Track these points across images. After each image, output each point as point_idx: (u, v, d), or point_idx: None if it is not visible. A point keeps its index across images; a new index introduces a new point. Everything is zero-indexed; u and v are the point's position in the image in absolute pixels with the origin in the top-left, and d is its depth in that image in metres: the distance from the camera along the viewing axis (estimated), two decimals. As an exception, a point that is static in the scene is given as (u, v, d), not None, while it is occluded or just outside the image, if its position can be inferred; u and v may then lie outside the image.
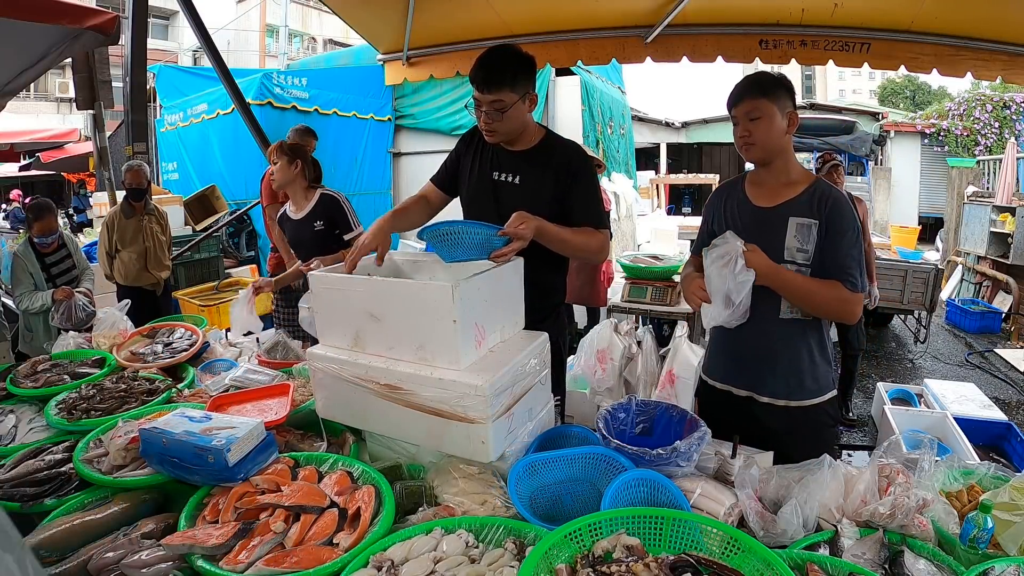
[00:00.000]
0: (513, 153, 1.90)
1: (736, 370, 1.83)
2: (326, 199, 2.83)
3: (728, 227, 1.74)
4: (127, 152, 4.94)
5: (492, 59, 1.75)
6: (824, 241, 1.64)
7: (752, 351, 1.77)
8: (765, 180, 1.76)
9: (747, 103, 1.66)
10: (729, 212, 1.80)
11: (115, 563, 1.22)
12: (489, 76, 1.73)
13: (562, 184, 1.85)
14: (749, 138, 1.67)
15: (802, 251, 1.66)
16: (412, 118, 8.02)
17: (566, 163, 1.86)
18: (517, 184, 1.88)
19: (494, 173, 1.91)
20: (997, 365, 5.49)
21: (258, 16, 20.90)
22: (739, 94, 1.68)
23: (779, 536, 1.27)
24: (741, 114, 1.67)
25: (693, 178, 13.60)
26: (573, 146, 1.95)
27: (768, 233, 1.68)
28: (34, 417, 1.97)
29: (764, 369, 1.77)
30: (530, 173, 1.87)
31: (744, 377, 1.82)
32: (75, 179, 12.76)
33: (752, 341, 1.75)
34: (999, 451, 2.97)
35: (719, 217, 1.84)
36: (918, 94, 30.35)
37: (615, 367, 2.47)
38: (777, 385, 1.77)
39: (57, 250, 3.49)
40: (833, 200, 1.65)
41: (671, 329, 2.88)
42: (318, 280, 1.64)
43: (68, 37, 2.65)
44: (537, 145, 1.90)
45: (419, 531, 1.25)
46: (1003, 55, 2.89)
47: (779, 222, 1.68)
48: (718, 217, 1.84)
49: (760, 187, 1.77)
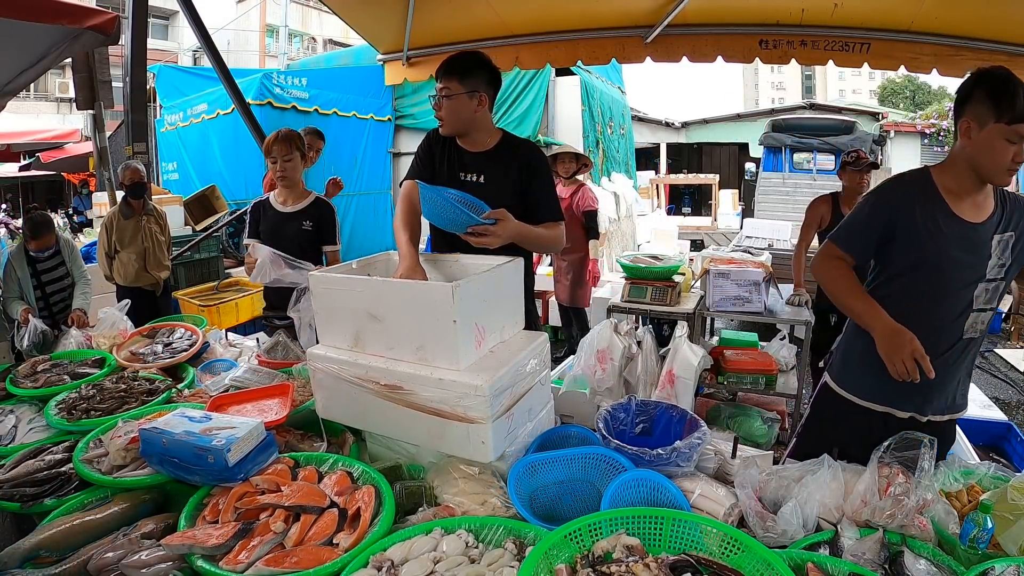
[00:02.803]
0: (475, 154, 2.02)
1: (906, 392, 1.62)
2: (322, 204, 2.80)
3: (932, 238, 1.56)
4: (127, 152, 4.93)
5: (455, 55, 1.95)
6: (1018, 251, 1.57)
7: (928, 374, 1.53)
8: (968, 194, 1.56)
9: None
10: (931, 220, 1.57)
11: (115, 563, 1.22)
12: (445, 66, 1.92)
13: (523, 181, 1.98)
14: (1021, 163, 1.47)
15: (1002, 266, 1.58)
16: (412, 118, 8.02)
17: (526, 161, 1.99)
18: (482, 183, 1.99)
19: (460, 174, 2.02)
20: (997, 365, 5.49)
21: (258, 16, 20.88)
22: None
23: (779, 536, 1.27)
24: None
25: (693, 178, 13.62)
26: (530, 144, 2.12)
27: (975, 251, 1.56)
28: (34, 417, 1.97)
29: (935, 388, 1.63)
30: (493, 172, 2.00)
31: (913, 400, 1.67)
32: (77, 180, 12.75)
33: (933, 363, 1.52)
34: (999, 451, 2.97)
35: (913, 220, 1.58)
36: (918, 94, 30.37)
37: (615, 367, 2.47)
38: (941, 403, 1.68)
39: (51, 257, 3.44)
40: (1020, 209, 1.58)
41: (671, 329, 2.88)
42: (318, 280, 1.64)
43: (68, 37, 2.64)
44: (496, 145, 2.02)
45: (419, 531, 1.25)
46: (1003, 55, 2.89)
47: (985, 239, 1.56)
48: (910, 220, 1.58)
49: (961, 200, 1.57)
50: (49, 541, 1.30)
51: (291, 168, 2.71)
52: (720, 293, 3.34)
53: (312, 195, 2.81)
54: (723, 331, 3.83)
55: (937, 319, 1.60)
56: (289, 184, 2.75)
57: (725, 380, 3.08)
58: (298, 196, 2.78)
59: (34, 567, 1.26)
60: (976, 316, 1.60)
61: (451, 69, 1.90)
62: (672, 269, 3.53)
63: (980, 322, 1.61)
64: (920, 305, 1.60)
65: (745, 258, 3.52)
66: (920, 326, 1.53)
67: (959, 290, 1.58)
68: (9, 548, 1.27)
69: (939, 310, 1.59)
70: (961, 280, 1.58)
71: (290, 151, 2.70)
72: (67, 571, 1.23)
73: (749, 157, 14.35)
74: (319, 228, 2.77)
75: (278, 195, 2.81)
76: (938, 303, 1.59)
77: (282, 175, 2.70)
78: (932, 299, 1.59)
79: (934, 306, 1.59)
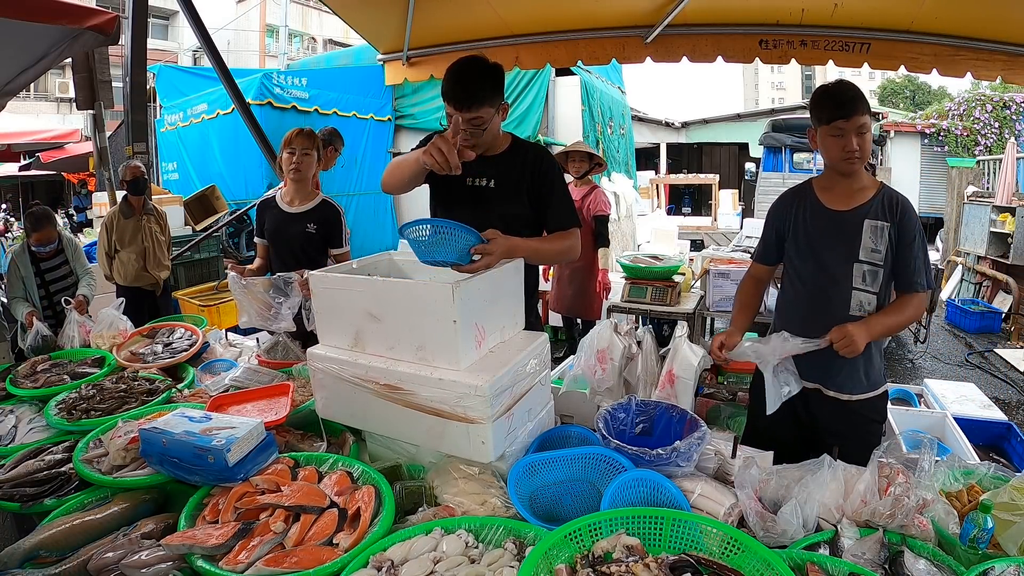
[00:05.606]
0: (486, 158, 1.92)
1: (807, 364, 1.84)
2: (329, 206, 2.77)
3: (803, 230, 1.87)
4: (127, 152, 4.93)
5: (467, 76, 1.74)
6: (897, 244, 1.76)
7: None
8: (837, 186, 1.84)
9: (859, 117, 1.69)
10: (802, 217, 1.89)
11: (115, 563, 1.22)
12: (467, 94, 1.73)
13: (535, 186, 1.92)
14: (858, 152, 1.71)
15: (876, 251, 1.77)
16: (412, 118, 8.02)
17: (537, 166, 1.92)
18: (493, 188, 1.92)
19: (468, 179, 1.94)
20: (997, 365, 5.49)
21: (258, 16, 20.88)
22: (850, 107, 1.69)
23: (779, 536, 1.27)
24: (852, 128, 1.69)
25: (693, 178, 13.62)
26: (541, 148, 2.04)
27: (844, 234, 1.80)
28: (34, 417, 1.97)
29: (832, 365, 1.83)
30: (504, 176, 1.92)
31: (814, 372, 1.87)
32: (76, 179, 12.75)
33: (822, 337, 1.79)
34: (999, 451, 2.97)
35: (791, 222, 1.92)
36: (918, 94, 30.35)
37: (615, 367, 2.46)
38: (842, 380, 1.86)
39: (54, 256, 3.44)
40: (903, 206, 1.78)
41: (671, 329, 2.87)
42: (318, 280, 1.64)
43: (68, 37, 2.64)
44: (508, 149, 1.95)
45: (419, 531, 1.25)
46: (1003, 55, 2.89)
47: (855, 224, 1.79)
48: (790, 222, 1.92)
49: (832, 192, 1.86)
50: (49, 541, 1.30)
51: (307, 164, 2.68)
52: (720, 293, 3.34)
53: (319, 197, 2.78)
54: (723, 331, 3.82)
55: (824, 297, 1.84)
56: (301, 179, 2.71)
57: (725, 380, 3.08)
58: (305, 196, 2.76)
59: (34, 567, 1.26)
60: (858, 295, 1.80)
61: (479, 97, 1.73)
62: (672, 269, 3.53)
63: (866, 303, 1.80)
64: (806, 286, 1.89)
65: (745, 258, 3.53)
66: (810, 304, 1.86)
67: (835, 270, 1.81)
68: (9, 548, 1.27)
69: (822, 288, 1.85)
70: (835, 259, 1.82)
71: (311, 146, 2.69)
72: (67, 571, 1.23)
73: (749, 157, 14.36)
74: (324, 231, 2.73)
75: (284, 194, 2.78)
76: (819, 282, 1.85)
77: (296, 168, 2.66)
78: (814, 279, 1.86)
79: (817, 286, 1.86)
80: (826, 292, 1.84)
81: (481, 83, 1.75)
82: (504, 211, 1.85)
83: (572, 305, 4.23)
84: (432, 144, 1.60)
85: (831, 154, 1.76)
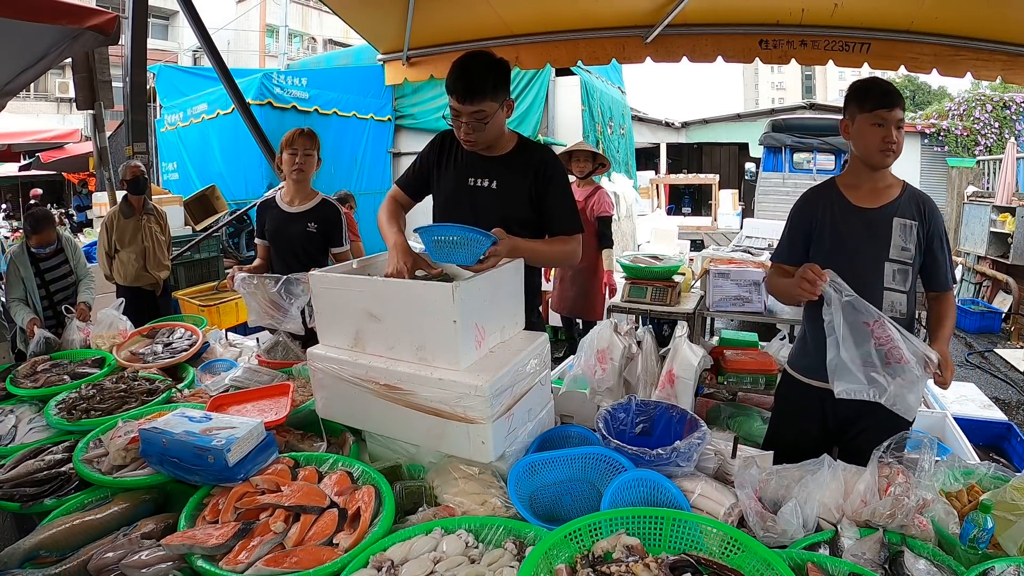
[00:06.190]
0: (489, 158, 1.90)
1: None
2: (329, 205, 2.78)
3: (831, 229, 1.82)
4: (127, 152, 4.94)
5: (471, 69, 1.73)
6: (927, 243, 1.76)
7: None
8: (864, 183, 1.81)
9: (900, 111, 1.68)
10: (830, 214, 1.84)
11: (115, 563, 1.22)
12: (470, 87, 1.71)
13: (539, 188, 1.88)
14: (895, 145, 1.70)
15: (906, 249, 1.75)
16: (412, 118, 8.02)
17: (542, 168, 1.88)
18: (495, 189, 1.89)
19: (470, 179, 1.92)
20: (997, 365, 5.49)
21: (258, 16, 20.88)
22: (895, 98, 1.68)
23: (779, 536, 1.27)
24: (894, 120, 1.68)
25: (693, 178, 13.63)
26: (546, 149, 1.98)
27: (875, 233, 1.77)
28: (34, 417, 1.97)
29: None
30: (507, 178, 1.89)
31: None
32: (76, 179, 12.76)
33: None
34: (999, 451, 2.97)
35: (818, 220, 1.85)
36: (918, 94, 30.32)
37: (615, 367, 2.46)
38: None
39: (53, 256, 3.44)
40: (929, 205, 1.77)
41: (671, 329, 2.87)
42: (318, 280, 1.64)
43: (68, 37, 2.64)
44: (513, 150, 1.92)
45: (419, 531, 1.25)
46: (1003, 55, 2.89)
47: (884, 223, 1.77)
48: (816, 220, 1.86)
49: (859, 190, 1.82)
50: (49, 541, 1.30)
51: (309, 164, 2.71)
52: (720, 293, 3.34)
53: (319, 196, 2.80)
54: (723, 331, 3.83)
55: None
56: (303, 179, 2.73)
57: (725, 380, 3.08)
58: (305, 196, 2.77)
59: (34, 567, 1.26)
60: (889, 296, 1.77)
61: (481, 90, 1.70)
62: (672, 269, 3.53)
63: (898, 303, 1.77)
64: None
65: (745, 258, 3.53)
66: None
67: (867, 269, 1.77)
68: (9, 548, 1.27)
69: (854, 288, 1.74)
70: (866, 258, 1.78)
71: (312, 146, 2.72)
72: (67, 571, 1.23)
73: (749, 157, 14.35)
74: (324, 230, 2.75)
75: (284, 194, 2.80)
76: (849, 282, 1.75)
77: (300, 168, 2.68)
78: (844, 280, 1.76)
79: (850, 285, 1.77)
80: (860, 293, 1.73)
81: (484, 77, 1.73)
82: (505, 213, 1.83)
83: (575, 306, 4.25)
84: (391, 263, 1.69)
85: (869, 143, 1.71)
